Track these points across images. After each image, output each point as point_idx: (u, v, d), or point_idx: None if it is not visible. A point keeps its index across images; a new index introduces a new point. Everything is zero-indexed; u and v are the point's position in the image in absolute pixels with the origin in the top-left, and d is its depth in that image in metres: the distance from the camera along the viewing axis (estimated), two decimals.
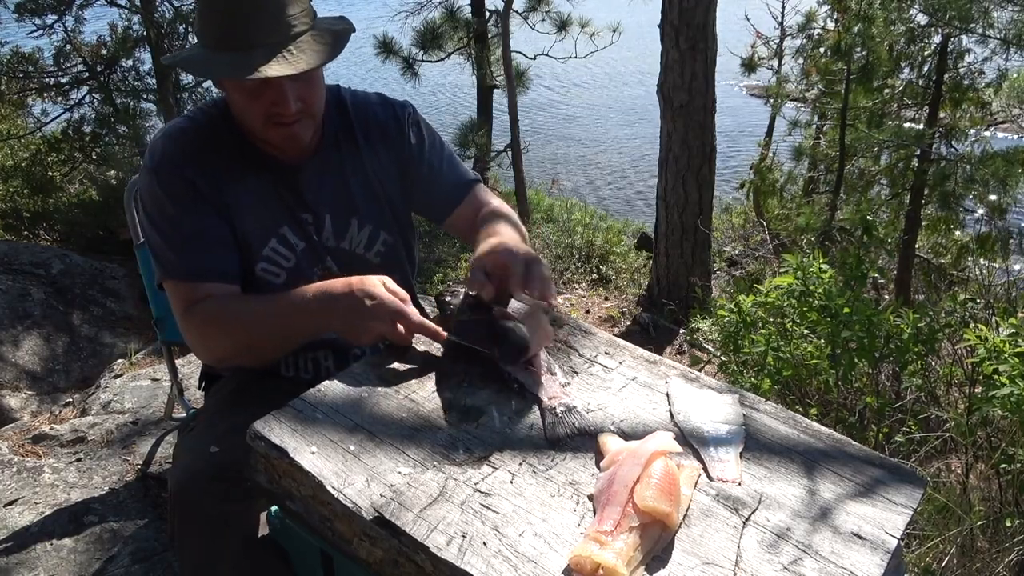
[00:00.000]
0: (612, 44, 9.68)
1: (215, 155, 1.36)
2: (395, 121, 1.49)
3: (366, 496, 0.94)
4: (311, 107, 1.32)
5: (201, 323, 1.30)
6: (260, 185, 1.38)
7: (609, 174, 13.82)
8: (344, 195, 1.44)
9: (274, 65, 1.20)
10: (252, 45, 1.21)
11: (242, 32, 1.21)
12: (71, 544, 1.95)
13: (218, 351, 1.34)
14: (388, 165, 1.48)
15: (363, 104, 1.49)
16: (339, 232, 1.45)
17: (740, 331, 2.75)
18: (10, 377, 3.90)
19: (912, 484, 1.00)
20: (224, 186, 1.35)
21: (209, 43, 1.25)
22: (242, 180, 1.37)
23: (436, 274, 7.09)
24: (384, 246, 1.49)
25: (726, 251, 8.35)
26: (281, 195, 1.40)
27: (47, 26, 7.78)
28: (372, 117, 1.48)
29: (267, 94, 1.26)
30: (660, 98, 6.01)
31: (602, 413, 1.10)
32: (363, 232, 1.46)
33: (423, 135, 1.51)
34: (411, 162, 1.50)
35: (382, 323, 1.18)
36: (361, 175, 1.46)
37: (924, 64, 6.50)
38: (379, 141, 1.47)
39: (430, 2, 9.51)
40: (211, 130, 1.38)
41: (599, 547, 0.84)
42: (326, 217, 1.43)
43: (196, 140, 1.36)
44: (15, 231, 7.82)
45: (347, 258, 1.46)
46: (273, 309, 1.28)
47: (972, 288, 5.47)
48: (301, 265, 1.42)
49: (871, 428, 2.54)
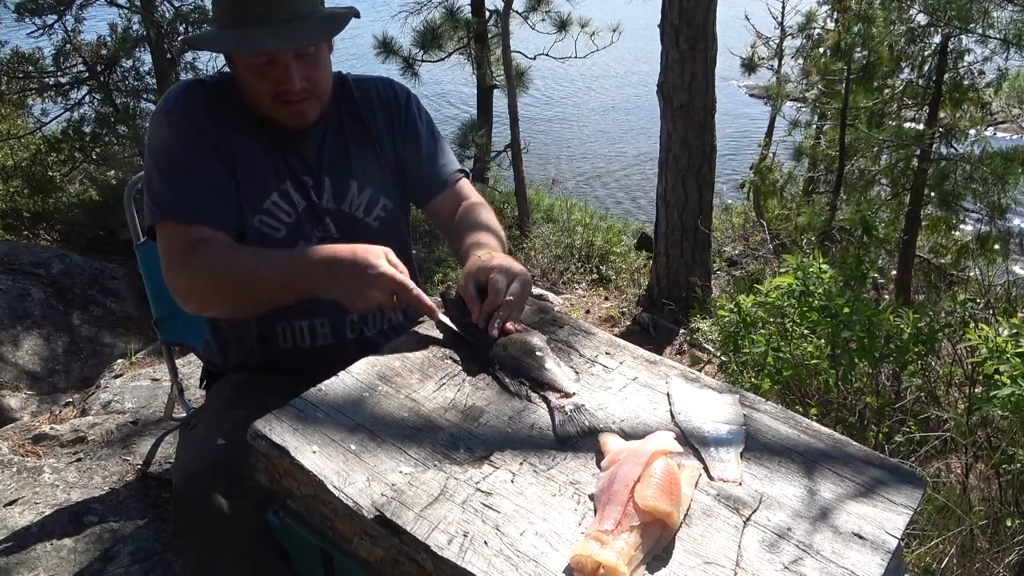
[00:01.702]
0: (612, 44, 9.68)
1: (226, 110, 1.41)
2: (395, 99, 1.56)
3: (367, 495, 0.94)
4: (316, 87, 1.37)
5: (196, 270, 1.28)
6: (265, 144, 1.43)
7: (609, 174, 13.83)
8: (344, 159, 1.48)
9: (277, 41, 1.28)
10: (259, 23, 1.29)
11: (251, 10, 1.29)
12: (71, 544, 1.94)
13: (209, 299, 1.31)
14: (388, 140, 1.55)
15: (366, 85, 1.56)
16: (339, 195, 1.48)
17: (740, 331, 2.75)
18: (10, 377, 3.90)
19: (912, 484, 1.00)
20: (231, 138, 1.39)
21: (222, 21, 1.33)
22: (248, 136, 1.41)
23: (436, 274, 7.09)
24: (384, 211, 1.52)
25: (726, 251, 8.35)
26: (284, 155, 1.44)
27: (47, 26, 7.79)
28: (375, 93, 1.55)
29: (272, 72, 1.33)
30: (660, 98, 6.01)
31: (603, 413, 1.10)
32: (363, 195, 1.50)
33: (420, 118, 1.59)
34: (404, 141, 1.56)
35: (381, 292, 1.22)
36: (363, 142, 1.51)
37: (924, 64, 6.50)
38: (381, 117, 1.54)
39: (430, 2, 9.51)
40: (222, 92, 1.43)
41: (600, 546, 0.84)
42: (325, 179, 1.47)
43: (209, 95, 1.42)
44: (15, 231, 7.83)
45: (347, 221, 1.49)
46: (278, 263, 1.28)
47: (972, 288, 5.47)
48: (302, 222, 1.45)
49: (871, 428, 2.54)
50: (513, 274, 1.25)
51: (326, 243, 1.37)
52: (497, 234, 1.49)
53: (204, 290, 1.30)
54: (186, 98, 1.40)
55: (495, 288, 1.22)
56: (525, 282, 1.26)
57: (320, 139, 1.47)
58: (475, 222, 1.52)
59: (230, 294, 1.29)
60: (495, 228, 1.51)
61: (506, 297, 1.22)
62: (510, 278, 1.25)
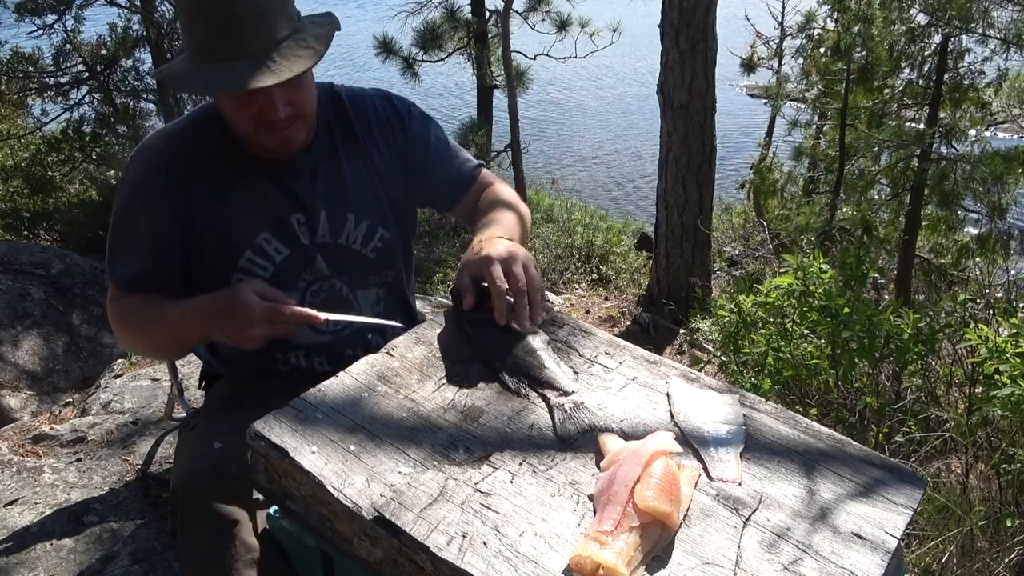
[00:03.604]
0: (612, 44, 9.67)
1: (198, 167, 1.36)
2: (395, 114, 1.49)
3: (366, 496, 0.94)
4: (301, 109, 1.31)
5: (114, 321, 1.41)
6: (248, 189, 1.38)
7: (609, 174, 13.83)
8: (340, 190, 1.43)
9: (258, 76, 1.19)
10: (235, 55, 1.20)
11: (225, 42, 1.21)
12: (71, 544, 1.94)
13: (130, 346, 1.57)
14: (389, 159, 1.48)
15: (360, 98, 1.48)
16: (335, 227, 1.43)
17: (740, 331, 2.75)
18: (10, 377, 3.90)
19: (912, 484, 1.00)
20: (197, 201, 1.35)
21: (195, 54, 1.25)
22: (226, 188, 1.37)
23: (436, 274, 7.09)
24: (381, 241, 1.48)
25: (726, 251, 8.35)
26: (267, 200, 1.38)
27: (47, 26, 7.79)
28: (372, 111, 1.47)
29: (255, 102, 1.26)
30: (660, 98, 6.01)
31: (602, 413, 1.10)
32: (360, 227, 1.45)
33: (424, 127, 1.52)
34: (414, 154, 1.49)
35: (258, 326, 1.22)
36: (359, 170, 1.45)
37: (924, 64, 6.50)
38: (379, 134, 1.47)
39: (430, 2, 9.50)
40: (197, 139, 1.38)
41: (599, 547, 0.84)
42: (321, 213, 1.41)
43: (178, 152, 1.37)
44: (15, 231, 7.83)
45: (342, 254, 1.45)
46: (163, 319, 1.34)
47: (972, 288, 5.47)
48: (282, 271, 1.40)
49: (871, 428, 2.54)
50: (508, 258, 1.21)
51: (314, 286, 1.43)
52: (512, 207, 1.44)
53: (125, 340, 1.45)
54: (146, 166, 1.36)
55: (494, 282, 1.19)
56: (524, 261, 1.21)
57: (312, 168, 1.41)
58: (488, 204, 1.46)
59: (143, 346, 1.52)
60: (506, 201, 1.46)
61: (518, 285, 1.19)
62: (507, 265, 1.20)
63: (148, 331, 1.37)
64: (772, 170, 8.41)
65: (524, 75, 9.42)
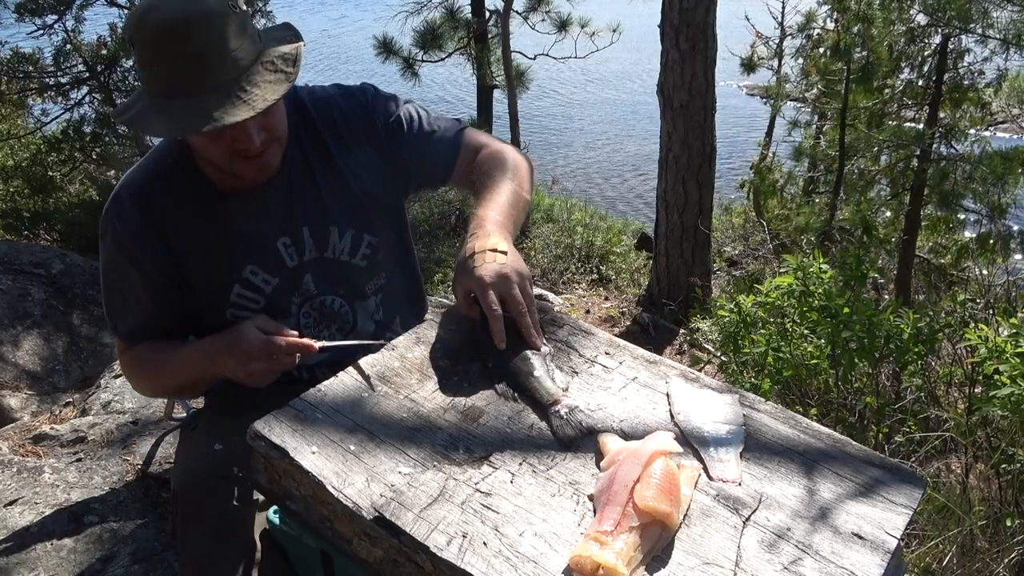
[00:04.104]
0: (612, 44, 9.67)
1: (174, 210, 1.32)
2: (360, 109, 1.42)
3: (366, 496, 0.94)
4: (274, 133, 1.27)
5: (127, 372, 1.48)
6: (221, 230, 1.34)
7: (609, 174, 13.83)
8: (318, 204, 1.38)
9: (231, 110, 1.13)
10: (202, 89, 1.14)
11: (190, 77, 1.13)
12: (71, 544, 1.94)
13: (148, 393, 1.62)
14: (363, 158, 1.42)
15: (323, 101, 1.41)
16: (320, 243, 1.39)
17: (740, 331, 2.75)
18: (10, 377, 3.90)
19: (912, 484, 1.00)
20: (178, 243, 1.33)
21: (156, 91, 1.17)
22: (200, 231, 1.34)
23: (436, 274, 7.09)
24: (369, 248, 1.44)
25: (726, 251, 8.35)
26: (248, 231, 1.35)
27: (47, 26, 7.79)
28: (336, 112, 1.41)
29: (228, 134, 1.20)
30: (660, 98, 6.01)
31: (602, 413, 1.10)
32: (345, 238, 1.41)
33: (393, 111, 1.44)
34: (390, 143, 1.43)
35: (262, 362, 1.22)
36: (335, 178, 1.39)
37: (924, 64, 6.50)
38: (348, 135, 1.41)
39: (430, 2, 9.50)
40: (168, 179, 1.33)
41: (599, 547, 0.84)
42: (303, 231, 1.38)
43: (149, 198, 1.32)
44: (15, 231, 7.83)
45: (331, 267, 1.41)
46: (172, 365, 1.36)
47: (972, 288, 5.48)
48: (273, 299, 1.39)
49: (871, 428, 2.54)
50: (500, 281, 1.16)
51: (305, 307, 1.43)
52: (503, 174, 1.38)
53: (141, 388, 1.51)
54: (120, 216, 1.33)
55: (489, 308, 1.15)
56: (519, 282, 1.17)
57: (287, 191, 1.36)
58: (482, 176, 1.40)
59: (158, 391, 1.61)
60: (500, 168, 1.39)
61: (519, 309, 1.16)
62: (502, 290, 1.16)
63: (161, 377, 1.41)
64: (772, 170, 8.41)
65: (524, 75, 9.42)
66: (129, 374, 1.47)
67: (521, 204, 1.37)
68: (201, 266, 1.34)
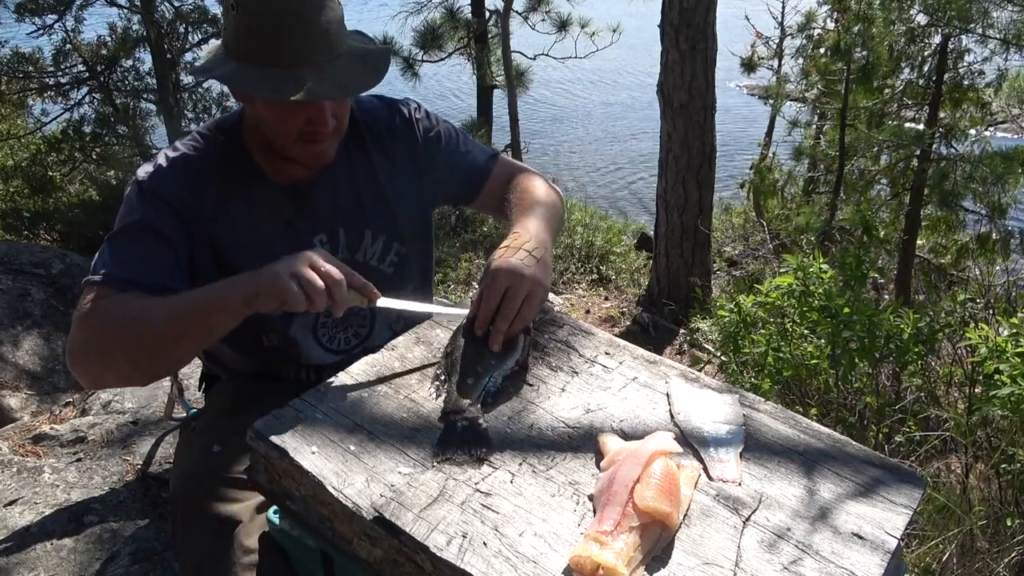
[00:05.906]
0: (612, 44, 9.67)
1: (216, 184, 1.30)
2: (402, 120, 1.46)
3: (366, 496, 0.94)
4: (342, 124, 1.29)
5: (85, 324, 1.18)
6: (266, 219, 1.33)
7: (609, 174, 13.82)
8: (356, 207, 1.40)
9: (325, 87, 1.17)
10: (297, 63, 1.16)
11: (292, 48, 1.16)
12: (71, 544, 1.94)
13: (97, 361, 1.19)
14: (402, 168, 1.45)
15: (368, 109, 1.45)
16: (353, 245, 1.41)
17: (740, 331, 2.75)
18: (10, 377, 3.89)
19: (912, 484, 1.00)
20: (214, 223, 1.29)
21: (251, 56, 1.17)
22: (243, 215, 1.31)
23: (436, 274, 7.09)
24: (397, 256, 1.46)
25: (726, 251, 8.35)
26: (291, 224, 1.35)
27: (47, 26, 7.79)
28: (382, 123, 1.44)
29: (304, 112, 1.21)
30: (660, 98, 6.01)
31: (602, 413, 1.10)
32: (377, 243, 1.43)
33: (433, 126, 1.48)
34: (427, 157, 1.46)
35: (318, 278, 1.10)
36: (373, 184, 1.42)
37: (924, 64, 6.50)
38: (390, 143, 1.44)
39: (430, 2, 9.51)
40: (215, 158, 1.32)
41: (599, 547, 0.84)
42: (340, 231, 1.39)
43: (189, 174, 1.30)
44: (15, 231, 7.83)
45: (359, 271, 1.37)
46: (172, 305, 1.15)
47: (972, 288, 5.48)
48: None
49: (871, 428, 2.54)
50: (514, 278, 1.15)
51: None
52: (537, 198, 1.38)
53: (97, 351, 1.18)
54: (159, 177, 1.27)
55: (486, 293, 1.15)
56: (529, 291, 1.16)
57: (331, 190, 1.38)
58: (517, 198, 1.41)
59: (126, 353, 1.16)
60: (534, 193, 1.40)
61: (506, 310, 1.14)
62: (511, 284, 1.15)
63: (144, 324, 1.14)
64: (772, 170, 8.42)
65: (524, 75, 9.42)
66: (93, 325, 1.17)
67: (555, 221, 1.40)
68: (235, 242, 1.31)
